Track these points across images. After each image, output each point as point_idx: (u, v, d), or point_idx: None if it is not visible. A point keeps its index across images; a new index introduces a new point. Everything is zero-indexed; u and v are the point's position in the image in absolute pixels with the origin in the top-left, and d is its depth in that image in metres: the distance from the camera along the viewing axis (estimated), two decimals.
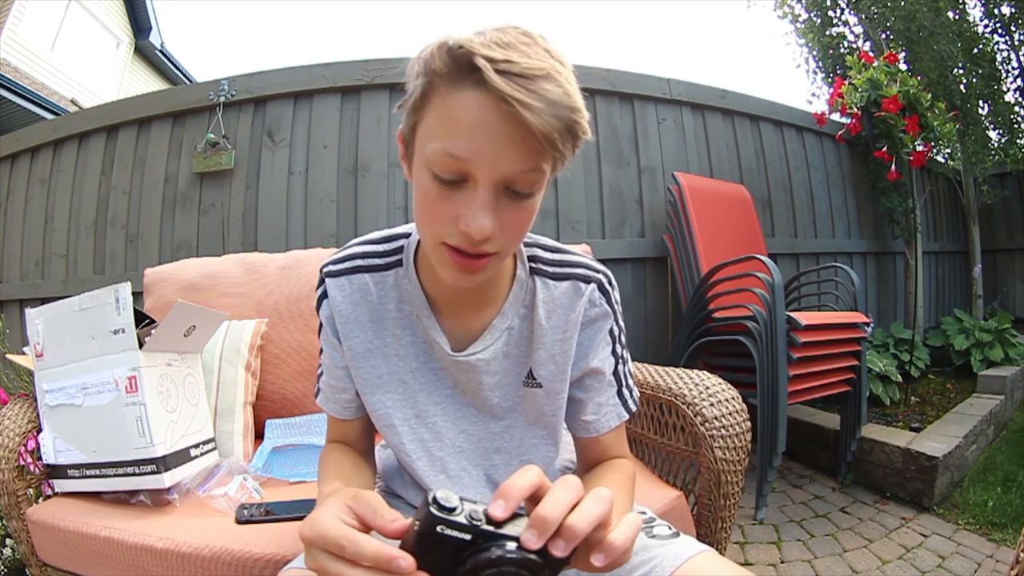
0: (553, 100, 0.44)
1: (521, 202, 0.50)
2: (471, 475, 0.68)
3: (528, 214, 0.52)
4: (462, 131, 0.46)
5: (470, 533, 0.35)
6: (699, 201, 2.29)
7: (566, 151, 0.47)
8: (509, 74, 0.43)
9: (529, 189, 0.49)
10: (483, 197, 0.47)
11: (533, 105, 0.43)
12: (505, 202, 0.49)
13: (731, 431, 0.94)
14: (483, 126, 0.45)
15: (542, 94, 0.44)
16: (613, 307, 0.68)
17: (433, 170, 0.48)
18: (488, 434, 0.68)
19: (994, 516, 1.74)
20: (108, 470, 1.00)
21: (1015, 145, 3.52)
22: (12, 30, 6.06)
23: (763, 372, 1.77)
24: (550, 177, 0.52)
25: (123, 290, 0.99)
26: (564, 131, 0.45)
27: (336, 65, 2.29)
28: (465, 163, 0.47)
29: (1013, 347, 2.99)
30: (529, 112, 0.43)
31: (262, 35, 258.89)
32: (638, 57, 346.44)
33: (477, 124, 0.45)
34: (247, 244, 2.24)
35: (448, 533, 0.34)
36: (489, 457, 0.68)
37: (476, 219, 0.48)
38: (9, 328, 2.27)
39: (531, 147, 0.45)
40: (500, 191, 0.48)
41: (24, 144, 2.59)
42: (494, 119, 0.45)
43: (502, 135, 0.45)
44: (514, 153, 0.46)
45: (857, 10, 3.45)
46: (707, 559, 0.55)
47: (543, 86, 0.44)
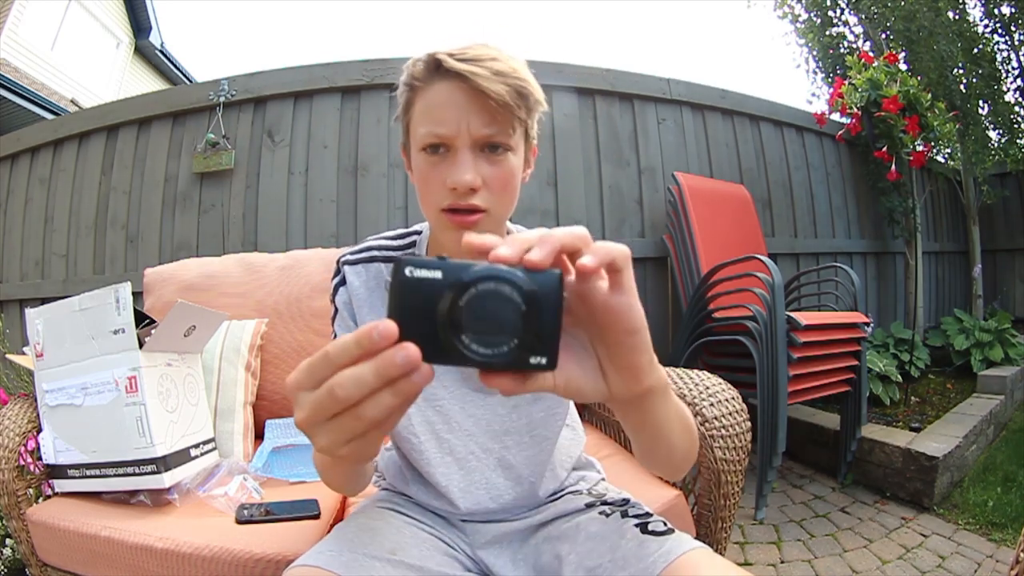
0: (500, 71, 0.56)
1: (497, 159, 0.60)
2: (479, 458, 0.69)
3: (507, 172, 0.61)
4: (438, 112, 0.58)
5: (440, 269, 0.31)
6: (699, 201, 2.29)
7: (521, 112, 0.58)
8: (465, 59, 0.57)
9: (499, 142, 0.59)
10: (461, 157, 0.58)
11: (483, 74, 0.56)
12: (483, 161, 0.59)
13: (731, 431, 0.94)
14: (452, 102, 0.58)
15: (490, 67, 0.56)
16: None
17: (422, 146, 0.60)
18: (496, 416, 0.69)
19: (994, 516, 1.74)
20: (108, 470, 1.00)
21: (1015, 145, 3.52)
22: (12, 30, 6.06)
23: (763, 372, 1.77)
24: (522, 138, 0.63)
25: (123, 290, 0.99)
26: (515, 94, 0.57)
27: (336, 65, 2.29)
28: (445, 135, 0.58)
29: (1013, 347, 2.99)
30: (482, 80, 0.55)
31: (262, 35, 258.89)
32: (638, 57, 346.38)
33: (448, 102, 0.58)
34: (247, 244, 2.24)
35: (418, 275, 0.31)
36: (499, 439, 0.69)
37: (458, 173, 0.58)
38: (9, 328, 2.27)
39: (491, 111, 0.57)
40: (476, 152, 0.59)
41: (24, 144, 2.59)
42: (458, 95, 0.57)
43: (467, 105, 0.57)
44: (479, 118, 0.57)
45: (857, 10, 3.45)
46: (701, 555, 0.55)
47: (491, 64, 0.57)
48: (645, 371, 0.38)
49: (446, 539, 0.69)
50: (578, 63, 2.43)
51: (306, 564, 0.57)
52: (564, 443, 0.76)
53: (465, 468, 0.69)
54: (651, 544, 0.57)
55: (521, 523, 0.70)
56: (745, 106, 2.81)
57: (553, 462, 0.73)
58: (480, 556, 0.69)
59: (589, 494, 0.73)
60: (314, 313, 1.45)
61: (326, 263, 1.52)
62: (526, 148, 0.65)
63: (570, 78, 2.40)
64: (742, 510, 1.85)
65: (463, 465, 0.69)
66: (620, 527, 0.62)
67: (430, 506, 0.72)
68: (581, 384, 0.37)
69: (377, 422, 0.31)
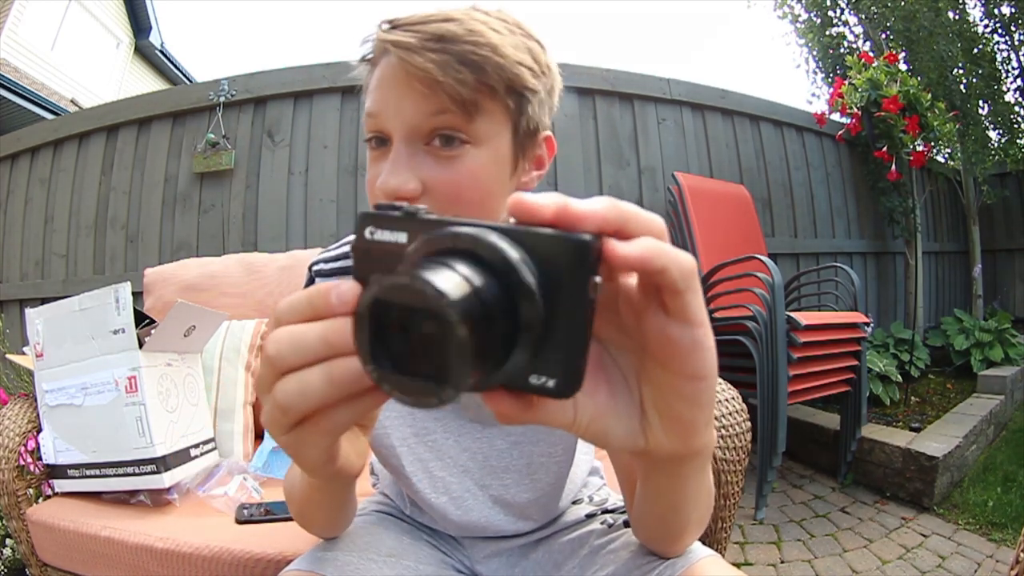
0: (440, 34, 0.43)
1: (447, 157, 0.46)
2: (476, 496, 0.61)
3: (462, 175, 0.46)
4: (374, 89, 0.47)
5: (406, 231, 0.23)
6: (699, 201, 2.29)
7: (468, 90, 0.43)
8: (401, 26, 0.44)
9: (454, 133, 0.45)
10: (395, 152, 0.46)
11: (407, 42, 0.43)
12: (427, 159, 0.46)
13: (731, 431, 0.94)
14: (386, 80, 0.46)
15: (431, 31, 0.43)
16: None
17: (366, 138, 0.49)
18: (494, 451, 0.60)
19: (994, 516, 1.74)
20: (108, 470, 1.00)
21: (1015, 145, 3.52)
22: (12, 30, 6.06)
23: (763, 372, 1.77)
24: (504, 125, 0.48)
25: (123, 290, 0.99)
26: (456, 66, 0.43)
27: (336, 65, 2.29)
28: (378, 119, 0.47)
29: (1013, 347, 2.99)
30: (403, 51, 0.43)
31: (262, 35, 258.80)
32: (638, 57, 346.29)
33: (383, 81, 0.46)
34: (247, 244, 2.24)
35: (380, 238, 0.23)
36: (498, 476, 0.61)
37: (384, 175, 0.46)
38: (9, 328, 2.27)
39: (426, 89, 0.44)
40: (418, 145, 0.46)
41: (24, 144, 2.59)
42: (391, 71, 0.45)
43: (401, 84, 0.45)
44: (414, 97, 0.44)
45: (857, 10, 3.45)
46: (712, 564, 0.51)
47: (433, 27, 0.43)
48: (699, 431, 0.28)
49: (444, 549, 0.66)
50: (578, 63, 2.43)
51: (300, 569, 0.56)
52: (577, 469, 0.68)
53: (462, 507, 0.61)
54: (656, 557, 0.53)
55: (522, 539, 0.65)
56: (745, 106, 2.81)
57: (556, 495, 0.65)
58: (479, 570, 0.66)
59: (590, 502, 0.70)
60: None
61: None
62: (517, 142, 0.49)
63: (570, 78, 2.38)
64: (742, 510, 1.85)
65: (459, 504, 0.61)
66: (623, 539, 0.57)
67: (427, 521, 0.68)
68: (610, 428, 0.27)
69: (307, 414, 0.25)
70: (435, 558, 0.63)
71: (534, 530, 0.65)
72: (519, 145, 0.50)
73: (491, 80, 0.44)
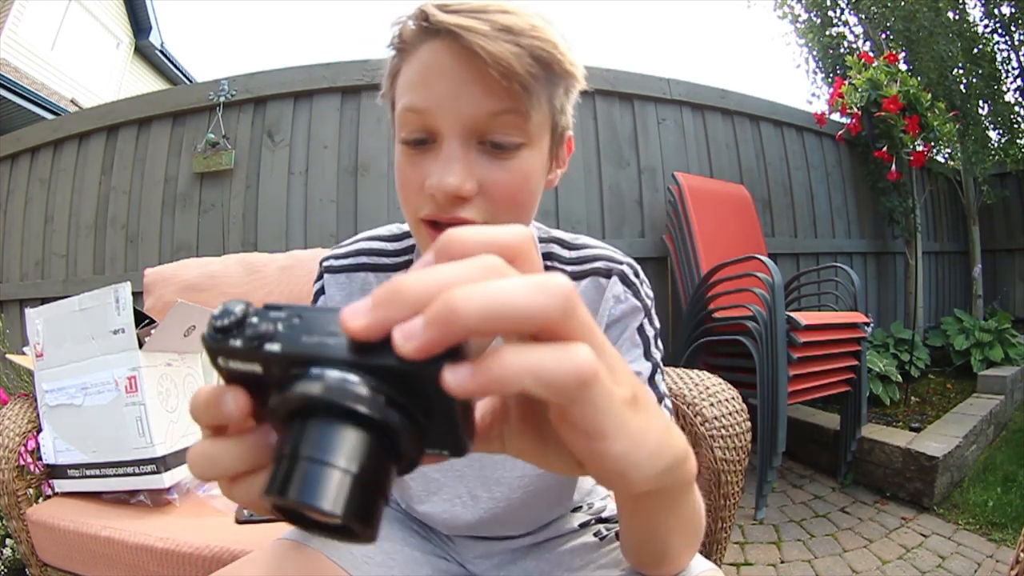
0: (508, 25, 0.40)
1: (503, 157, 0.44)
2: (467, 504, 0.59)
3: (517, 176, 0.44)
4: (419, 81, 0.43)
5: (259, 362, 0.21)
6: (699, 201, 2.29)
7: (537, 88, 0.41)
8: (459, 12, 0.40)
9: (508, 137, 0.43)
10: (448, 149, 0.42)
11: (481, 29, 0.39)
12: (482, 158, 0.44)
13: (731, 431, 0.94)
14: (439, 69, 0.41)
15: (494, 20, 0.40)
16: (643, 301, 0.57)
17: (402, 135, 0.45)
18: (488, 461, 0.58)
19: (994, 516, 1.74)
20: (108, 470, 1.00)
21: (1015, 145, 3.52)
22: (12, 30, 6.06)
23: (763, 372, 1.77)
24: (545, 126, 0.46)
25: (123, 290, 0.99)
26: (528, 59, 0.40)
27: (336, 65, 2.29)
28: (425, 114, 0.43)
29: (1013, 347, 2.99)
30: (479, 36, 0.39)
31: (262, 35, 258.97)
32: (638, 57, 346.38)
33: (433, 69, 0.42)
34: (247, 244, 2.24)
35: (234, 367, 0.21)
36: (490, 489, 0.58)
37: (438, 173, 0.42)
38: (9, 328, 2.27)
39: (493, 82, 0.40)
40: (472, 144, 0.43)
41: (24, 144, 2.59)
42: (448, 59, 0.41)
43: (459, 74, 0.41)
44: (475, 91, 0.41)
45: (857, 10, 3.45)
46: None
47: (497, 17, 0.40)
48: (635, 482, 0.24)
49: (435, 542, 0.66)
50: None
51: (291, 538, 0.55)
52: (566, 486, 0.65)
53: (451, 513, 0.60)
54: None
55: (513, 543, 0.63)
56: (745, 106, 2.80)
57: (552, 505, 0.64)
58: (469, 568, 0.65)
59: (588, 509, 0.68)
60: None
61: None
62: (553, 141, 0.48)
63: None
64: (742, 510, 1.85)
65: (449, 509, 0.60)
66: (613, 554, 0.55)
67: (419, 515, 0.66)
68: (545, 461, 0.26)
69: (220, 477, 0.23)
70: (424, 547, 0.63)
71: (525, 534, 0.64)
72: (554, 145, 0.49)
73: (555, 77, 0.43)
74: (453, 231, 0.21)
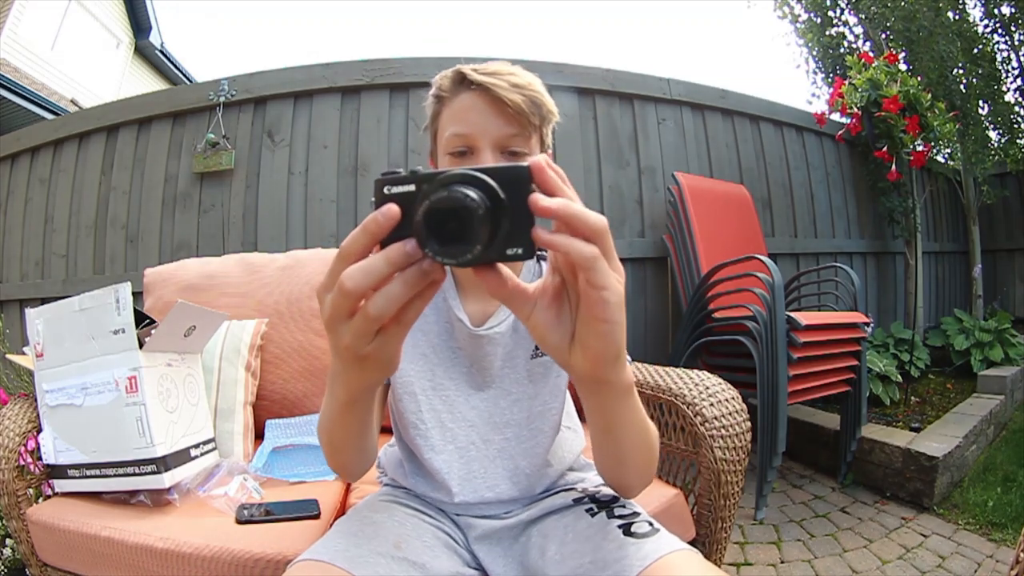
0: (517, 83, 0.67)
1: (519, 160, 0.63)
2: (479, 448, 0.71)
3: None
4: (462, 117, 0.68)
5: (413, 183, 0.34)
6: (699, 201, 2.29)
7: (535, 120, 0.68)
8: (487, 73, 0.67)
9: (519, 149, 0.68)
10: (483, 157, 0.67)
11: (503, 85, 0.66)
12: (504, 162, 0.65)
13: (731, 431, 0.94)
14: (475, 109, 0.67)
15: (508, 80, 0.67)
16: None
17: (448, 151, 0.68)
18: (498, 408, 0.72)
19: (994, 516, 1.74)
20: (108, 470, 1.00)
21: (1015, 145, 3.52)
22: (12, 30, 6.06)
23: (763, 372, 1.77)
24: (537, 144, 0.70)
25: (123, 290, 0.99)
26: (530, 103, 0.67)
27: (336, 65, 2.29)
28: (467, 137, 0.67)
29: (1013, 347, 2.99)
30: (501, 91, 0.65)
31: (262, 35, 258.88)
32: (638, 57, 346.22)
33: (471, 109, 0.67)
34: (247, 244, 2.24)
35: (395, 191, 0.34)
36: (500, 431, 0.72)
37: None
38: (9, 328, 2.27)
39: (510, 116, 0.66)
40: (497, 154, 0.67)
41: (24, 144, 2.59)
42: (481, 103, 0.67)
43: (488, 112, 0.66)
44: (499, 122, 0.67)
45: (857, 10, 3.45)
46: (681, 558, 0.54)
47: (509, 78, 0.67)
48: (607, 363, 0.41)
49: (446, 529, 0.69)
50: (578, 63, 2.43)
51: (313, 558, 0.56)
52: (563, 441, 0.78)
53: (465, 457, 0.71)
54: (630, 547, 0.56)
55: (512, 520, 0.70)
56: (745, 106, 2.81)
57: (550, 457, 0.75)
58: (474, 549, 0.69)
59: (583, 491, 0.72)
60: (314, 313, 1.45)
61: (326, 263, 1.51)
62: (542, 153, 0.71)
63: (570, 78, 2.40)
64: (742, 510, 1.85)
65: (463, 454, 0.71)
66: (604, 527, 0.61)
67: (428, 497, 0.73)
68: (547, 332, 0.40)
69: (392, 315, 0.35)
70: (439, 540, 0.67)
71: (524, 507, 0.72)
72: None
73: (543, 114, 0.69)
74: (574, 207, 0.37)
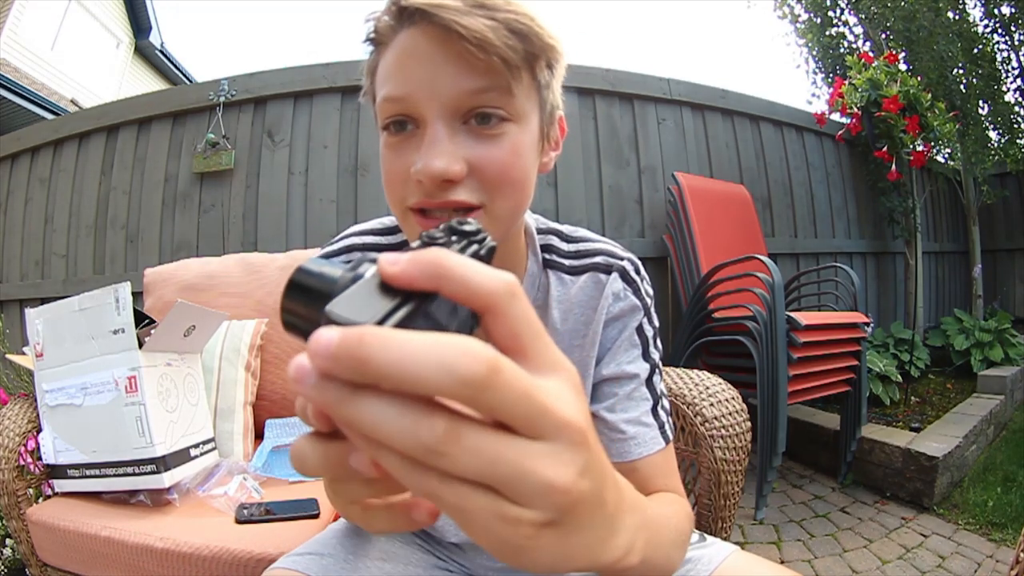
0: (481, 1, 0.39)
1: (490, 134, 0.42)
2: None
3: (506, 152, 0.43)
4: (397, 70, 0.42)
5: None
6: (699, 201, 2.29)
7: (517, 58, 0.40)
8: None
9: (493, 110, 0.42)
10: (431, 133, 0.41)
11: (454, 5, 0.39)
12: (468, 139, 0.42)
13: (731, 431, 0.94)
14: (414, 54, 0.41)
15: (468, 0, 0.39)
16: (643, 300, 0.57)
17: (382, 124, 0.44)
18: None
19: (994, 516, 1.74)
20: (108, 470, 1.00)
21: (1015, 145, 3.52)
22: (12, 30, 6.06)
23: (763, 372, 1.77)
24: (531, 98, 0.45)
25: (123, 290, 0.99)
26: (503, 31, 0.39)
27: (336, 65, 2.29)
28: (405, 102, 0.42)
29: (1013, 347, 2.99)
30: (452, 12, 0.38)
31: (262, 35, 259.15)
32: (638, 57, 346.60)
33: (409, 54, 0.41)
34: (247, 244, 2.24)
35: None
36: None
37: (424, 158, 0.41)
38: (9, 328, 2.27)
39: (471, 59, 0.39)
40: (456, 125, 0.42)
41: (24, 144, 2.59)
42: (423, 42, 0.40)
43: (435, 56, 0.40)
44: (452, 70, 0.40)
45: (857, 10, 3.45)
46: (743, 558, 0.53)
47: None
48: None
49: (439, 554, 0.65)
50: (578, 63, 2.43)
51: (284, 567, 0.55)
52: None
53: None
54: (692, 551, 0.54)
55: None
56: (745, 106, 2.80)
57: None
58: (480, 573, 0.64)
59: None
60: None
61: None
62: (543, 120, 0.47)
63: (570, 78, 2.36)
64: (742, 510, 1.85)
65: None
66: None
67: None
68: None
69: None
70: (426, 562, 0.63)
71: None
72: (544, 123, 0.48)
73: (535, 50, 0.42)
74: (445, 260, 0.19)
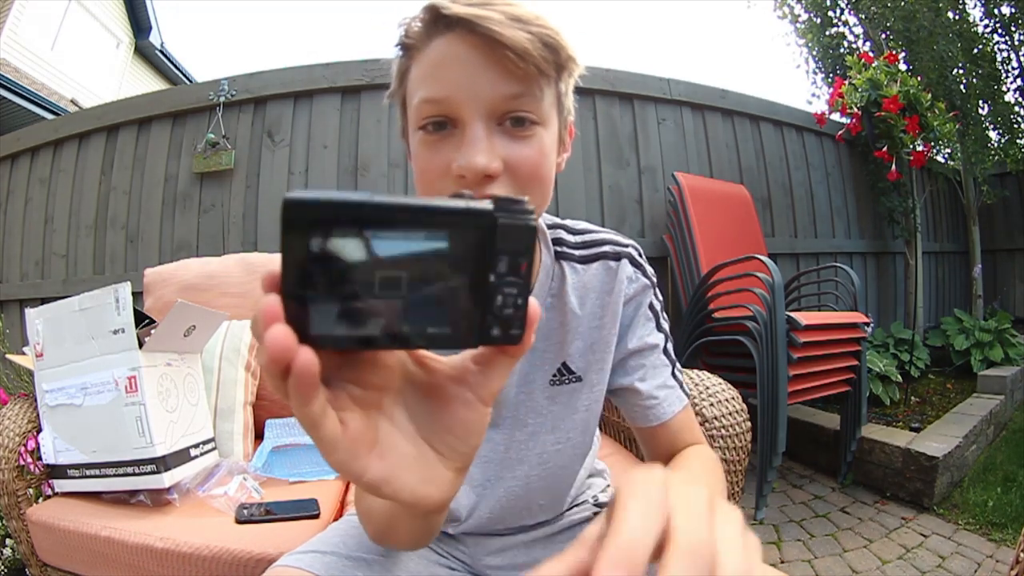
0: (518, 15, 0.43)
1: (522, 136, 0.46)
2: (494, 487, 0.62)
3: (536, 151, 0.47)
4: (436, 73, 0.45)
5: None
6: (699, 201, 2.29)
7: (550, 69, 0.45)
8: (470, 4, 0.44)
9: (526, 114, 0.46)
10: (471, 132, 0.45)
11: (495, 18, 0.42)
12: (503, 139, 0.46)
13: (731, 431, 0.94)
14: (455, 59, 0.44)
15: (504, 11, 0.43)
16: (650, 279, 0.64)
17: (419, 124, 0.47)
18: (513, 443, 0.61)
19: (994, 516, 1.74)
20: (108, 470, 1.00)
21: (1015, 145, 3.52)
22: (12, 30, 6.06)
23: (763, 372, 1.77)
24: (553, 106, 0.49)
25: (123, 290, 0.99)
26: (538, 44, 0.43)
27: (336, 65, 2.29)
28: (444, 103, 0.45)
29: (1013, 347, 2.99)
30: (494, 24, 0.42)
31: (262, 35, 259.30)
32: (638, 57, 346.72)
33: (449, 60, 0.45)
34: (247, 244, 2.24)
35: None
36: (512, 468, 0.61)
37: (467, 155, 0.44)
38: (9, 328, 2.27)
39: (509, 66, 0.43)
40: (493, 126, 0.46)
41: (24, 144, 2.59)
42: (463, 49, 0.44)
43: (475, 61, 0.44)
44: (492, 76, 0.44)
45: (857, 10, 3.45)
46: None
47: (503, 8, 0.44)
48: None
49: (440, 550, 0.66)
50: None
51: (287, 565, 0.56)
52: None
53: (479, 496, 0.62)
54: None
55: (526, 536, 0.66)
56: (745, 106, 2.80)
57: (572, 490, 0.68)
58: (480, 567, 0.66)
59: (595, 504, 0.70)
60: None
61: None
62: (560, 124, 0.51)
63: None
64: (742, 510, 1.84)
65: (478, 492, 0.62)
66: None
67: None
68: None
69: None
70: (427, 557, 0.64)
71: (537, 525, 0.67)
72: (561, 127, 0.52)
73: (561, 61, 0.46)
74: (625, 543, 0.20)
